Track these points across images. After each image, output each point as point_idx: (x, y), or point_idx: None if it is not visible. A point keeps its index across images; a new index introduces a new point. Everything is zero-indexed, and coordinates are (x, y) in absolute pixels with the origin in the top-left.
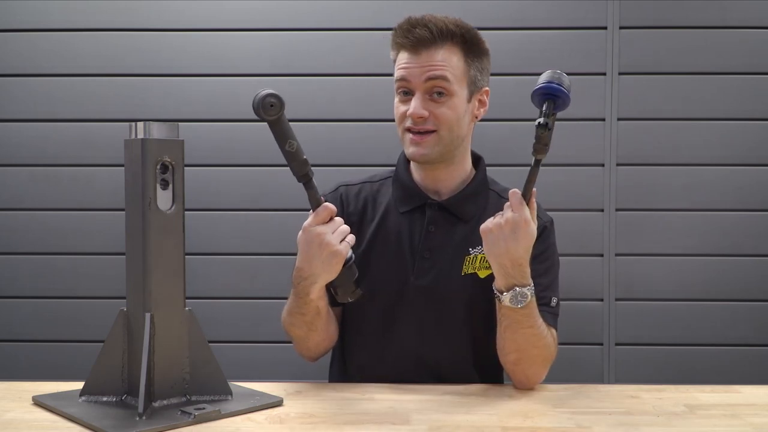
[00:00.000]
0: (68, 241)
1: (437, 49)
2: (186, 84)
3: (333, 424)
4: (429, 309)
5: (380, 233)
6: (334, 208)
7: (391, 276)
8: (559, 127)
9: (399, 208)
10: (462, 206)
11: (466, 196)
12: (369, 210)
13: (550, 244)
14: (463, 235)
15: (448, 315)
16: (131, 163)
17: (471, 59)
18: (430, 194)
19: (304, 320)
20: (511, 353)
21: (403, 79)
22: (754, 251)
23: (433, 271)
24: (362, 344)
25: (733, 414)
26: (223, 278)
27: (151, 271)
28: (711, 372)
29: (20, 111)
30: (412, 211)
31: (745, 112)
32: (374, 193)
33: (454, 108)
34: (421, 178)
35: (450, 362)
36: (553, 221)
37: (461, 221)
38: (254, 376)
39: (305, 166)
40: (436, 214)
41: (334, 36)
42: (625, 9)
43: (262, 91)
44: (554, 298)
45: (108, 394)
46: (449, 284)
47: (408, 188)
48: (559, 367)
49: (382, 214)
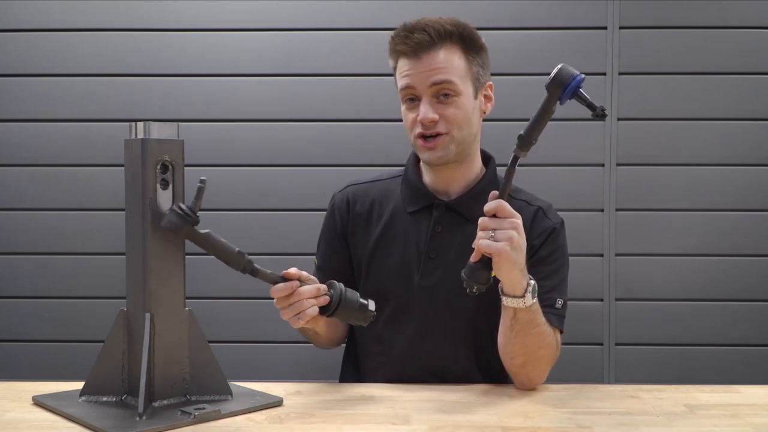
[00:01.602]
0: (68, 241)
1: (437, 51)
2: (186, 84)
3: (333, 424)
4: (434, 309)
5: (387, 233)
6: (290, 285)
7: (397, 276)
8: (560, 127)
9: (407, 207)
10: (469, 206)
11: (473, 196)
12: (376, 210)
13: (559, 246)
14: (469, 236)
15: (453, 315)
16: (131, 163)
17: (471, 56)
18: (438, 194)
19: (307, 333)
20: (518, 356)
21: (408, 87)
22: (754, 251)
23: (438, 271)
24: (371, 344)
25: (733, 414)
26: (223, 278)
27: (151, 271)
28: (711, 372)
29: (20, 111)
30: (419, 211)
31: (745, 112)
32: (382, 192)
33: (463, 107)
34: (432, 179)
35: (454, 362)
36: (563, 223)
37: (468, 221)
38: (254, 376)
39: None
40: (442, 215)
41: (334, 36)
42: (625, 9)
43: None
44: (559, 299)
45: (108, 394)
46: (454, 284)
47: (416, 188)
48: (559, 367)
49: (390, 214)
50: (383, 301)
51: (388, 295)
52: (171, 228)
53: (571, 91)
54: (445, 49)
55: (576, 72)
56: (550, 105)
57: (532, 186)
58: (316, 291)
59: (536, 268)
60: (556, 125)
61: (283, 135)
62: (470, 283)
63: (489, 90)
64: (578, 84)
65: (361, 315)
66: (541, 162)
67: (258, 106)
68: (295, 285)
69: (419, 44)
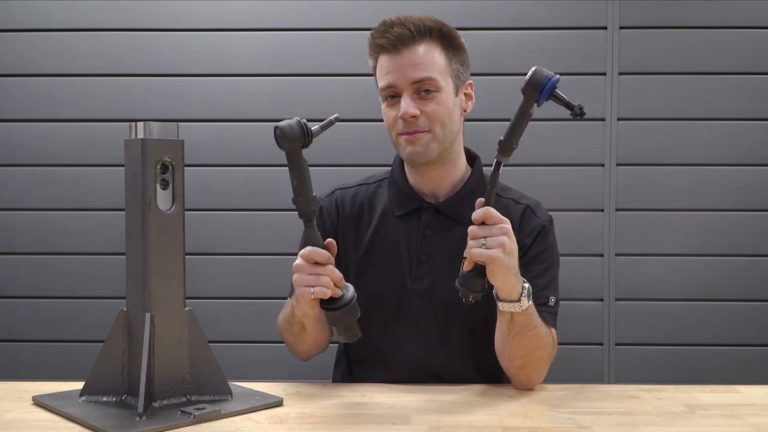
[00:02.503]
0: (68, 241)
1: (417, 46)
2: (186, 84)
3: (333, 424)
4: (428, 313)
5: (377, 238)
6: (329, 256)
7: (389, 281)
8: (560, 127)
9: (395, 211)
10: (458, 209)
11: (461, 198)
12: (366, 214)
13: (549, 245)
14: (458, 238)
15: (446, 318)
16: (131, 163)
17: (451, 53)
18: (425, 197)
19: (291, 330)
20: (516, 359)
21: (389, 85)
22: (754, 251)
23: (430, 275)
24: (364, 349)
25: (733, 414)
26: (223, 278)
27: (151, 271)
28: (711, 372)
29: (20, 111)
30: (408, 215)
31: (745, 112)
32: (370, 195)
33: (444, 103)
34: (417, 181)
35: (450, 365)
36: (552, 220)
37: (458, 224)
38: (254, 376)
39: (308, 206)
40: (431, 218)
41: (334, 36)
42: (625, 9)
43: (285, 120)
44: (552, 297)
45: (108, 394)
46: (446, 288)
47: (403, 191)
48: (559, 367)
49: (379, 219)
50: (376, 306)
51: (381, 300)
52: (286, 132)
53: (547, 93)
54: (425, 45)
55: (551, 73)
56: (528, 108)
57: (532, 186)
58: (340, 278)
59: (527, 267)
60: (556, 125)
61: None
62: (466, 293)
63: (469, 89)
64: (554, 85)
65: (353, 329)
66: (541, 162)
67: (258, 106)
68: (331, 258)
69: (399, 38)
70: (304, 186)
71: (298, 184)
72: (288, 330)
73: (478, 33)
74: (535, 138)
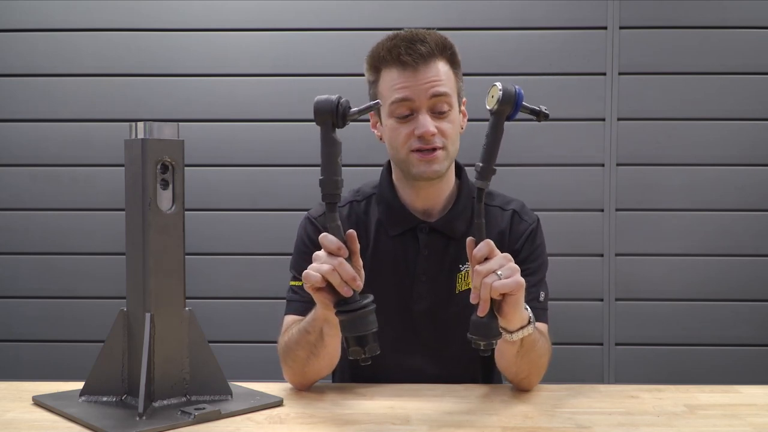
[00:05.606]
0: (68, 241)
1: (436, 63)
2: (186, 84)
3: (333, 424)
4: (432, 331)
5: (375, 261)
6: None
7: (391, 303)
8: (560, 127)
9: (389, 231)
10: (452, 226)
11: (456, 215)
12: (362, 234)
13: (538, 244)
14: (454, 253)
15: (451, 335)
16: (131, 163)
17: (456, 70)
18: (418, 215)
19: (308, 340)
20: (523, 372)
21: (405, 99)
22: (754, 251)
23: (430, 294)
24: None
25: (733, 414)
26: (223, 278)
27: (151, 271)
28: (711, 372)
29: (20, 111)
30: (403, 234)
31: (745, 112)
32: (362, 214)
33: (454, 121)
34: (411, 198)
35: (459, 379)
36: (538, 219)
37: (452, 239)
38: (254, 376)
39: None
40: (427, 237)
41: (334, 36)
42: (625, 9)
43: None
44: (542, 292)
45: (108, 394)
46: (447, 305)
47: (396, 210)
48: (559, 367)
49: (375, 238)
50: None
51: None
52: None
53: (520, 107)
54: (442, 62)
55: (515, 86)
56: (502, 126)
57: (532, 186)
58: (351, 276)
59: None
60: (556, 125)
61: (283, 135)
62: (489, 341)
63: (464, 106)
64: (522, 98)
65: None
66: (541, 162)
67: (258, 106)
68: (345, 252)
69: (423, 55)
70: (327, 165)
71: (323, 162)
72: (301, 343)
73: (478, 33)
74: (536, 138)
